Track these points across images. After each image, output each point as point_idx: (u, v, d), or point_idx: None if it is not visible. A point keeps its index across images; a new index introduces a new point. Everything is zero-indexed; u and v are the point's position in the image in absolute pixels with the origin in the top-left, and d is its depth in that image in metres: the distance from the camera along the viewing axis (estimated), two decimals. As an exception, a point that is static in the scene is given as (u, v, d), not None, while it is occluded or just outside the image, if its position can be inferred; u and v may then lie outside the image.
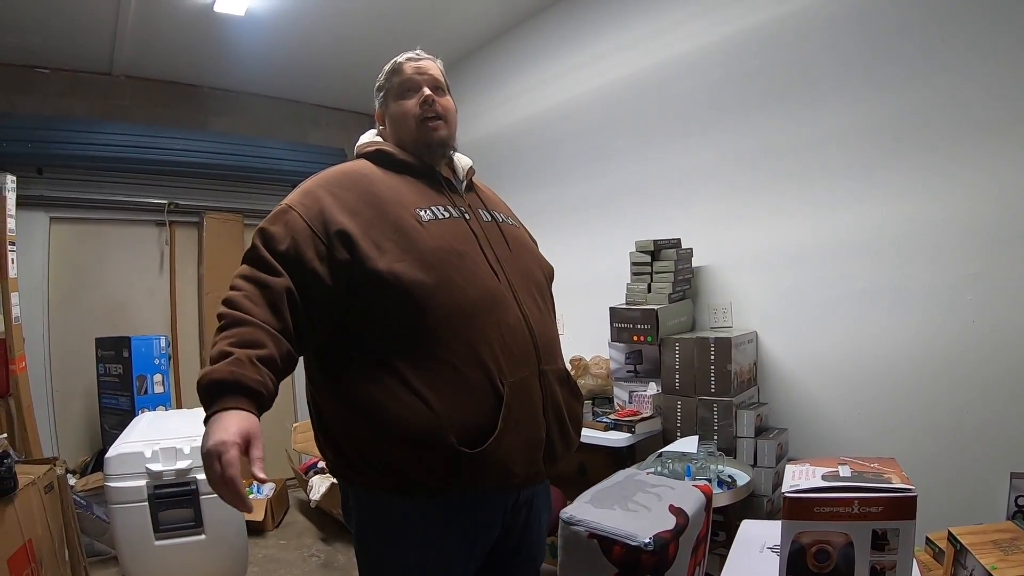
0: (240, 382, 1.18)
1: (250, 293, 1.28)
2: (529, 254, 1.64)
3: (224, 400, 1.16)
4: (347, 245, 1.34)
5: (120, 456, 2.76)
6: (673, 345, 2.74)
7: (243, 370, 1.18)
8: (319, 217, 1.36)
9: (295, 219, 1.36)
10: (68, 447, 4.30)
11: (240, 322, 1.24)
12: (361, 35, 4.20)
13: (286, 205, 1.40)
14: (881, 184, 2.46)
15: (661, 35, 3.27)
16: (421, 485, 1.33)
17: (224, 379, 1.17)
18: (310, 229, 1.34)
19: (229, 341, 1.21)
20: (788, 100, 2.75)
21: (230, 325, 1.24)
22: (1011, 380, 2.10)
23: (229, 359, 1.18)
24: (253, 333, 1.23)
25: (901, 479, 1.14)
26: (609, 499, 1.33)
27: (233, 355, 1.19)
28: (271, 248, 1.33)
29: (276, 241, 1.34)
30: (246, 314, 1.25)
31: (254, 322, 1.24)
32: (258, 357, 1.21)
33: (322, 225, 1.35)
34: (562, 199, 3.89)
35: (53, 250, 4.43)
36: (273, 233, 1.35)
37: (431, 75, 1.62)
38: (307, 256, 1.32)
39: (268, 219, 1.39)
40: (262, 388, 1.20)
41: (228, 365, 1.18)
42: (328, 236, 1.34)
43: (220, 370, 1.17)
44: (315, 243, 1.33)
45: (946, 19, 2.28)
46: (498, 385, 1.34)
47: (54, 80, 4.38)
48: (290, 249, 1.32)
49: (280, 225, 1.36)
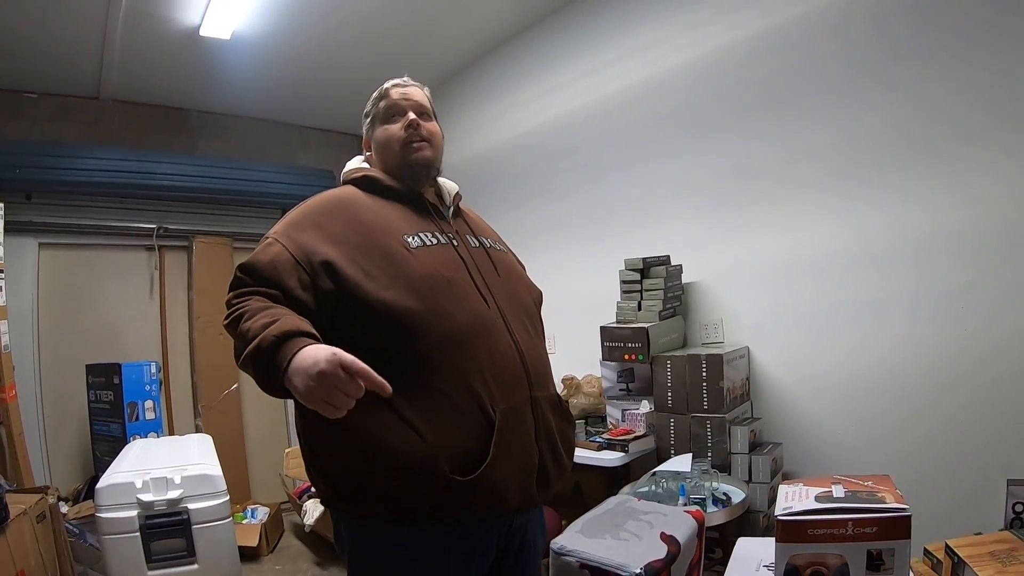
0: (294, 330, 1.19)
1: (252, 299, 1.30)
2: (518, 279, 1.64)
3: (291, 346, 1.17)
4: (331, 275, 1.34)
5: (111, 487, 2.73)
6: (665, 363, 2.74)
7: (289, 323, 1.20)
8: (303, 247, 1.36)
9: (279, 250, 1.36)
10: (60, 474, 4.26)
11: (259, 310, 1.26)
12: (348, 57, 4.22)
13: (271, 238, 1.41)
14: (868, 195, 2.48)
15: (645, 53, 3.30)
16: (414, 513, 1.32)
17: (282, 331, 1.18)
18: (294, 259, 1.35)
19: (260, 320, 1.22)
20: (773, 115, 2.77)
21: (249, 315, 1.25)
22: (1005, 386, 2.10)
23: (272, 325, 1.20)
24: (276, 312, 1.25)
25: (895, 498, 1.13)
26: (600, 528, 1.32)
27: (275, 321, 1.20)
28: (255, 276, 1.34)
29: (259, 270, 1.34)
30: (257, 305, 1.27)
31: (272, 307, 1.27)
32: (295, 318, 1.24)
33: (305, 255, 1.35)
34: (550, 218, 3.91)
35: (42, 276, 4.40)
36: (256, 263, 1.36)
37: (416, 100, 1.63)
38: (289, 284, 1.32)
39: (256, 253, 1.39)
40: (315, 330, 1.23)
41: (276, 326, 1.19)
42: (312, 267, 1.34)
43: (271, 331, 1.18)
44: (298, 272, 1.34)
45: (926, 29, 2.31)
46: (490, 412, 1.33)
47: (42, 105, 4.38)
48: (272, 277, 1.33)
49: (264, 256, 1.37)
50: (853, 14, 2.51)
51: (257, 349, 1.18)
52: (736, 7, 2.90)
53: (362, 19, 3.79)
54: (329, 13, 3.68)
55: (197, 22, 3.61)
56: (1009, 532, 1.77)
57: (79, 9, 3.41)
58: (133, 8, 3.41)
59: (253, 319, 1.24)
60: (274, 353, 1.17)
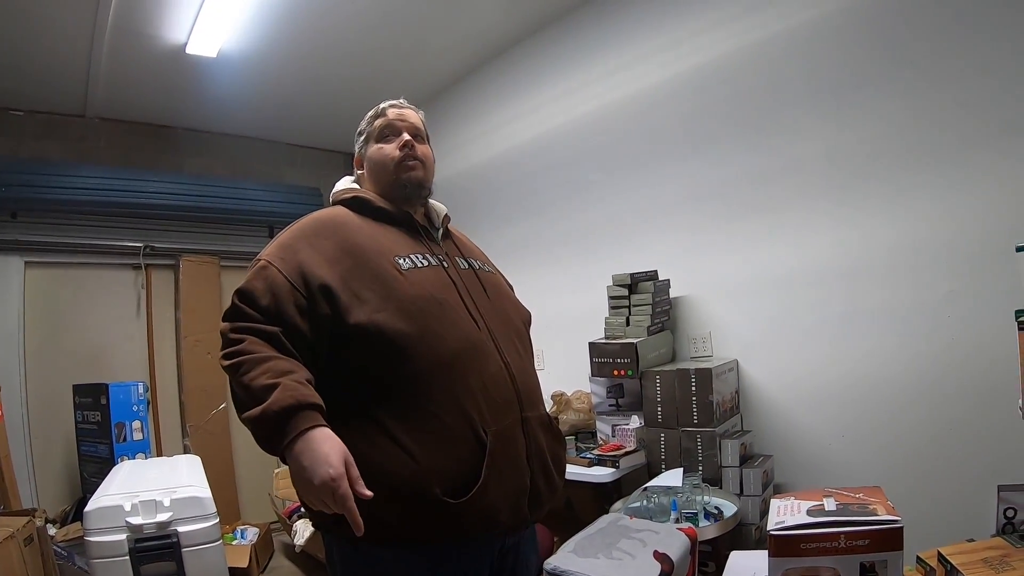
0: (302, 401, 1.20)
1: (252, 340, 1.29)
2: (507, 301, 1.65)
3: (297, 422, 1.19)
4: (328, 299, 1.34)
5: (99, 510, 2.70)
6: (654, 377, 2.74)
7: (296, 391, 1.21)
8: (298, 271, 1.36)
9: (274, 274, 1.36)
10: (48, 496, 4.20)
11: (261, 360, 1.25)
12: (333, 75, 4.24)
13: (265, 260, 1.40)
14: (855, 207, 2.50)
15: (632, 67, 3.32)
16: (406, 536, 1.31)
17: (288, 404, 1.19)
18: (289, 284, 1.34)
19: (264, 376, 1.22)
20: (760, 127, 2.80)
21: (251, 365, 1.25)
22: (994, 393, 2.10)
23: (277, 388, 1.20)
24: (280, 364, 1.25)
25: (887, 509, 1.14)
26: (593, 547, 1.33)
27: (279, 384, 1.20)
28: (253, 304, 1.33)
29: (257, 297, 1.34)
30: (259, 353, 1.26)
31: (274, 356, 1.26)
32: (298, 380, 1.23)
33: (301, 279, 1.35)
34: (538, 235, 3.92)
35: (28, 295, 4.36)
36: (253, 290, 1.35)
37: (412, 123, 1.65)
38: (288, 312, 1.32)
39: (247, 277, 1.39)
40: (320, 401, 1.23)
41: (281, 392, 1.20)
42: (309, 290, 1.34)
43: (277, 399, 1.19)
44: (295, 297, 1.34)
45: (916, 38, 2.34)
46: (481, 434, 1.33)
47: (28, 122, 4.37)
48: (271, 305, 1.32)
49: (259, 281, 1.36)
50: (842, 27, 2.54)
51: (262, 417, 1.19)
52: (720, 22, 2.93)
53: (347, 38, 3.81)
54: (315, 32, 3.70)
55: (183, 40, 3.61)
56: (1001, 538, 1.77)
57: (65, 27, 3.40)
58: (119, 26, 3.41)
59: (254, 373, 1.23)
60: (275, 429, 1.19)
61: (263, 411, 1.19)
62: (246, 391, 1.23)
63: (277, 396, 1.19)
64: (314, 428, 1.19)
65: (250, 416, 1.21)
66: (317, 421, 1.21)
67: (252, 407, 1.21)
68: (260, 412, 1.19)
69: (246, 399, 1.23)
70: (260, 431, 1.21)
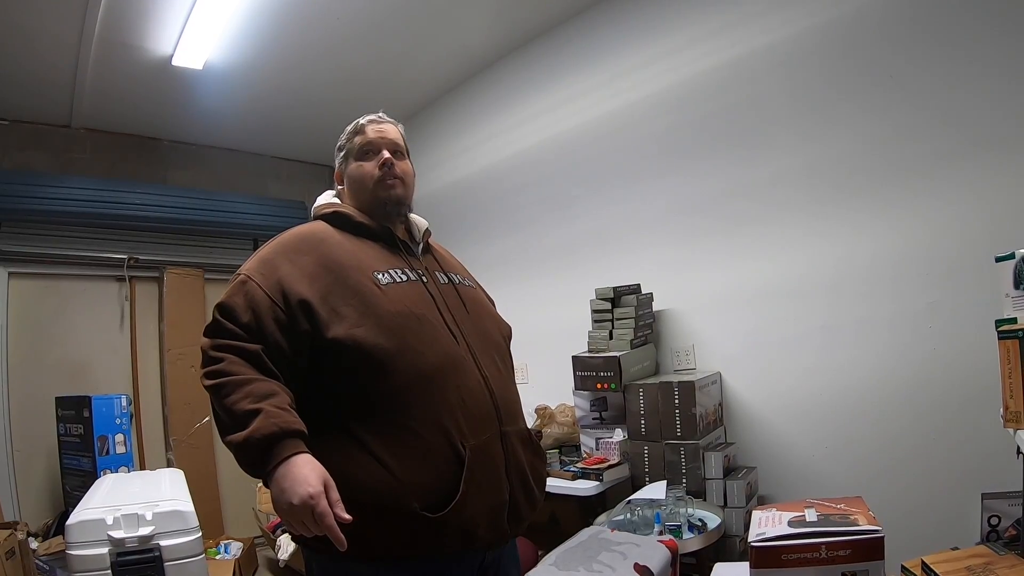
0: (285, 429, 1.21)
1: (232, 360, 1.29)
2: (487, 315, 1.65)
3: (280, 450, 1.20)
4: (307, 314, 1.34)
5: (81, 523, 2.67)
6: (637, 391, 2.75)
7: (279, 418, 1.22)
8: (277, 286, 1.37)
9: (254, 289, 1.36)
10: (30, 509, 4.15)
11: (242, 382, 1.26)
12: (319, 88, 4.25)
13: (244, 276, 1.40)
14: (836, 220, 2.53)
15: (614, 83, 3.35)
16: (385, 551, 1.31)
17: (271, 432, 1.20)
18: (269, 299, 1.35)
19: (246, 401, 1.23)
20: (741, 142, 2.83)
21: (233, 388, 1.25)
22: (975, 402, 2.12)
23: (259, 415, 1.21)
24: (261, 386, 1.26)
25: (868, 520, 1.15)
26: (574, 560, 1.33)
27: (261, 410, 1.21)
28: (234, 320, 1.34)
29: (238, 313, 1.34)
30: (241, 375, 1.27)
31: (255, 378, 1.27)
32: (278, 404, 1.24)
33: (281, 295, 1.36)
34: (521, 249, 3.93)
35: (12, 306, 4.32)
36: (233, 305, 1.35)
37: (391, 139, 1.65)
38: (268, 328, 1.33)
39: (227, 291, 1.39)
40: (302, 427, 1.25)
41: (264, 419, 1.20)
42: (288, 306, 1.35)
43: (260, 427, 1.20)
44: (275, 312, 1.34)
45: (894, 54, 2.38)
46: (459, 448, 1.33)
47: (13, 132, 4.34)
48: (252, 321, 1.33)
49: (240, 296, 1.36)
50: (821, 43, 2.58)
51: (245, 444, 1.20)
52: (700, 39, 2.96)
53: (333, 52, 3.83)
54: (301, 45, 3.72)
55: (169, 52, 3.61)
56: (985, 546, 1.78)
57: (51, 37, 3.40)
58: (105, 37, 3.40)
59: (236, 396, 1.24)
60: (258, 456, 1.21)
61: (246, 438, 1.20)
62: (228, 414, 1.24)
63: (260, 424, 1.20)
64: (296, 455, 1.20)
65: (233, 440, 1.22)
66: (299, 448, 1.22)
67: (235, 431, 1.22)
68: (243, 439, 1.20)
69: (228, 422, 1.24)
70: (243, 456, 1.22)
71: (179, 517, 2.76)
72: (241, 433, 1.20)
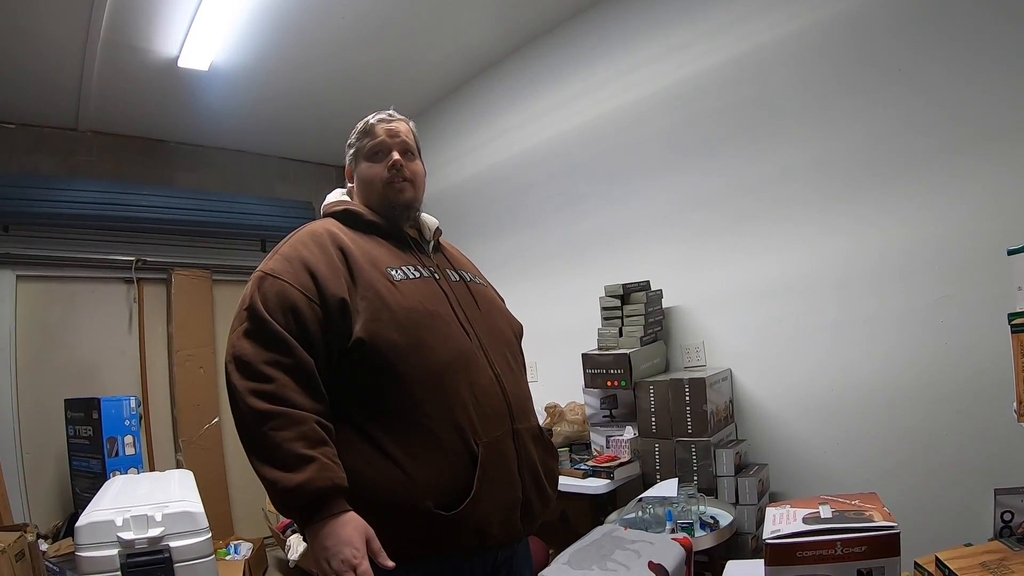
0: (338, 485, 1.22)
1: (284, 383, 1.26)
2: (498, 313, 1.65)
3: (330, 506, 1.21)
4: (343, 312, 1.34)
5: (90, 525, 2.67)
6: (647, 388, 2.74)
7: (333, 473, 1.22)
8: (310, 284, 1.35)
9: (288, 289, 1.34)
10: (40, 511, 4.16)
11: (297, 420, 1.23)
12: (325, 88, 4.25)
13: (274, 275, 1.37)
14: (846, 214, 2.51)
15: (621, 79, 3.34)
16: (398, 550, 1.30)
17: (325, 487, 1.20)
18: (305, 297, 1.33)
19: (299, 443, 1.21)
20: (750, 137, 2.81)
21: (286, 424, 1.23)
22: (987, 397, 2.10)
23: (314, 463, 1.20)
24: (314, 430, 1.24)
25: (883, 516, 1.14)
26: (587, 559, 1.32)
27: (316, 459, 1.21)
28: (279, 321, 1.31)
29: (279, 314, 1.31)
30: (295, 408, 1.24)
31: (308, 417, 1.25)
32: (331, 455, 1.24)
33: (316, 292, 1.34)
34: (530, 247, 3.92)
35: (20, 309, 4.32)
36: (273, 307, 1.32)
37: (402, 139, 1.63)
38: (311, 329, 1.32)
39: (260, 292, 1.35)
40: (345, 478, 1.24)
41: (320, 471, 1.20)
42: (324, 303, 1.34)
43: (315, 478, 1.19)
44: (312, 310, 1.33)
45: (903, 47, 2.35)
46: (472, 446, 1.33)
47: (20, 135, 4.35)
48: (293, 323, 1.31)
49: (275, 297, 1.33)
50: (830, 37, 2.55)
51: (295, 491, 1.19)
52: (708, 33, 2.94)
53: (338, 53, 3.82)
54: (306, 46, 3.71)
55: (175, 53, 3.61)
56: (999, 541, 1.77)
57: (57, 40, 3.40)
58: (111, 39, 3.41)
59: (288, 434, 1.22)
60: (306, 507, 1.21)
61: (298, 486, 1.18)
62: (275, 449, 1.21)
63: (315, 475, 1.19)
64: (343, 514, 1.21)
65: (278, 481, 1.20)
66: (345, 507, 1.22)
67: (282, 471, 1.20)
68: (295, 486, 1.18)
69: (272, 458, 1.21)
70: (287, 500, 1.21)
71: (189, 518, 2.76)
72: (291, 477, 1.18)
